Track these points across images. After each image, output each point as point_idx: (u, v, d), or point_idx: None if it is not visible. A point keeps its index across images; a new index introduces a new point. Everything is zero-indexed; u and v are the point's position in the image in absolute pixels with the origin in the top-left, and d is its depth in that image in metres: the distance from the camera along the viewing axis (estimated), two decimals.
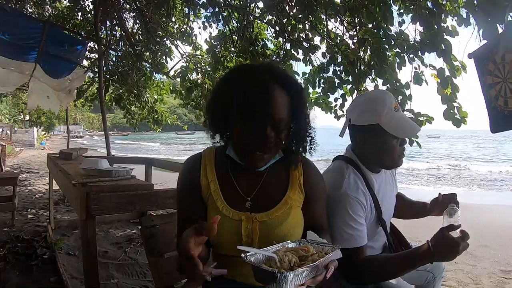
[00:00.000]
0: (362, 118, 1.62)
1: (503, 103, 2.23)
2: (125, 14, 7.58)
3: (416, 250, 1.43)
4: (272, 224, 1.27)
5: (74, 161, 3.72)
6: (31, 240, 4.11)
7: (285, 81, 1.23)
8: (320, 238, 1.18)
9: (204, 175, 1.33)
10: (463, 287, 3.55)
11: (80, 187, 2.12)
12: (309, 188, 1.36)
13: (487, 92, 2.34)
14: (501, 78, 2.22)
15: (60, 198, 6.41)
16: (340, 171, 1.62)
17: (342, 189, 1.53)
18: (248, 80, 1.21)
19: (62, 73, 6.35)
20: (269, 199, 1.31)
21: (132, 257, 3.84)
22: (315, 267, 0.99)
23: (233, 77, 1.30)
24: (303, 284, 0.97)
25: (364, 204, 1.55)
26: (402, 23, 3.85)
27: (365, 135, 1.63)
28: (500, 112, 2.26)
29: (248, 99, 1.18)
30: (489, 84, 2.32)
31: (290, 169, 1.37)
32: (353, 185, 1.55)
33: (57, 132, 54.85)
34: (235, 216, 1.27)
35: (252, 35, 5.25)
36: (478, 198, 10.71)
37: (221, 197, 1.30)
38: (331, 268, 1.02)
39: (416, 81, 3.63)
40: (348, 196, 1.52)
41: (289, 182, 1.35)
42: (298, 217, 1.33)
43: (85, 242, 2.08)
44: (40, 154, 18.84)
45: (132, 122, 9.23)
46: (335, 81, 4.41)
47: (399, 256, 1.52)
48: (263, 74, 1.22)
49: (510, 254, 4.73)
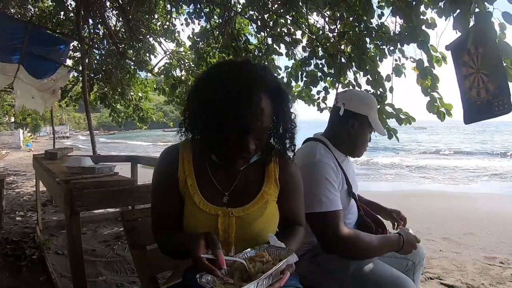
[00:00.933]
0: (357, 106, 1.83)
1: (476, 94, 2.28)
2: (108, 12, 7.52)
3: (391, 238, 1.69)
4: (248, 219, 1.27)
5: (59, 161, 3.72)
6: (19, 241, 4.10)
7: (270, 87, 1.21)
8: (279, 242, 1.16)
9: (181, 169, 1.32)
10: (447, 274, 3.59)
11: (64, 184, 2.14)
12: (285, 180, 1.37)
13: (462, 83, 2.39)
14: (475, 69, 2.26)
15: (48, 199, 6.38)
16: (312, 145, 1.80)
17: (316, 157, 1.67)
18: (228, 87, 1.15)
19: (45, 73, 6.31)
20: (246, 194, 1.31)
21: (120, 254, 3.87)
22: (267, 277, 0.98)
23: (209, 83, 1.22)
24: None
25: (336, 171, 1.69)
26: (382, 16, 3.88)
27: (356, 121, 1.82)
28: (473, 103, 2.31)
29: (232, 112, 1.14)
30: (464, 75, 2.36)
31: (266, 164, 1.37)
32: (325, 154, 1.72)
33: (43, 133, 54.00)
34: (212, 211, 1.27)
35: (234, 31, 5.27)
36: (463, 187, 10.89)
37: (198, 191, 1.29)
38: (286, 274, 1.03)
39: (397, 73, 3.70)
40: (322, 162, 1.67)
41: (265, 176, 1.36)
42: (274, 212, 1.34)
43: (71, 238, 2.11)
44: (26, 156, 18.58)
45: (118, 120, 9.20)
46: (317, 74, 4.46)
47: (376, 237, 1.66)
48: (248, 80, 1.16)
49: (494, 241, 4.85)
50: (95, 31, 7.71)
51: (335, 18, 4.23)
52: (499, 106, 2.13)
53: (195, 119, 1.24)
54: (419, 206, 7.36)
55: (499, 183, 11.70)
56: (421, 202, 7.98)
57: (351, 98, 1.87)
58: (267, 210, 1.30)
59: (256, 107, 1.15)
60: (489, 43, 2.12)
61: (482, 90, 2.24)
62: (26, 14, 7.70)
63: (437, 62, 3.34)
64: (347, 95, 1.92)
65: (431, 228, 5.48)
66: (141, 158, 5.29)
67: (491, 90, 2.17)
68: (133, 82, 8.83)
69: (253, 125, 1.16)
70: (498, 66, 2.13)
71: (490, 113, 2.20)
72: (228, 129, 1.16)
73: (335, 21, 4.27)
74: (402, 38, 3.42)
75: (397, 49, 3.65)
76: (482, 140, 41.57)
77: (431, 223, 5.79)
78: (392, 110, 3.61)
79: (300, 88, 4.74)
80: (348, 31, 3.99)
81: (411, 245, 1.70)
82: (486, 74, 2.19)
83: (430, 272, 3.59)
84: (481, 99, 2.25)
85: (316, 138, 1.87)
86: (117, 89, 8.44)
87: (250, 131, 1.17)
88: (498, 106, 2.14)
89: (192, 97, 1.27)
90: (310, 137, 1.93)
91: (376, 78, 3.75)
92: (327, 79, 4.48)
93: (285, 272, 1.03)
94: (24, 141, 30.00)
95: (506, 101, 2.10)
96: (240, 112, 1.13)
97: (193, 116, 1.25)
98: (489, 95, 2.19)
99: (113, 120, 9.37)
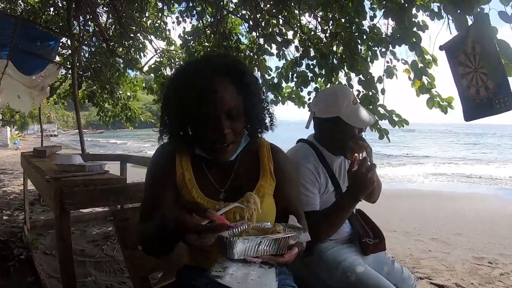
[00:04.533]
0: (325, 111, 1.78)
1: (475, 92, 2.30)
2: (99, 8, 7.44)
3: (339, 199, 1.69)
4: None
5: (48, 159, 3.67)
6: (7, 241, 4.03)
7: (224, 69, 1.23)
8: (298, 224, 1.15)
9: (179, 164, 1.33)
10: (437, 274, 3.64)
11: (54, 182, 2.11)
12: (280, 173, 1.38)
13: (459, 82, 2.41)
14: (472, 68, 2.27)
15: (36, 198, 6.29)
16: (296, 147, 1.82)
17: (295, 160, 1.67)
18: (188, 81, 1.21)
19: (35, 69, 6.24)
20: (242, 189, 1.30)
21: (109, 254, 3.83)
22: (272, 241, 0.99)
23: (175, 82, 1.30)
24: (258, 257, 0.98)
25: (315, 174, 1.70)
26: (374, 17, 3.92)
27: (329, 126, 1.78)
28: (472, 101, 2.34)
29: (192, 99, 1.19)
30: (461, 74, 2.38)
31: (260, 157, 1.39)
32: (304, 156, 1.72)
33: (31, 131, 53.47)
34: (210, 205, 1.25)
35: (226, 30, 5.26)
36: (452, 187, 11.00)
37: (196, 186, 1.30)
38: (294, 250, 1.03)
39: (388, 75, 3.72)
40: (299, 165, 1.68)
41: (260, 170, 1.37)
42: (270, 205, 1.34)
43: (60, 237, 2.07)
44: (14, 155, 18.36)
45: (105, 119, 9.09)
46: (308, 75, 4.45)
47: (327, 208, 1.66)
48: (202, 70, 1.22)
49: (483, 241, 4.92)
50: (85, 28, 7.62)
51: (328, 19, 4.24)
52: (500, 104, 2.15)
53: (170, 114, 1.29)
54: (407, 207, 7.44)
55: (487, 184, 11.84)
56: (409, 202, 8.06)
57: (317, 104, 1.85)
58: (264, 204, 1.28)
59: (214, 90, 1.18)
60: (487, 42, 2.14)
61: (482, 89, 2.25)
62: (16, 9, 7.61)
63: (428, 64, 3.37)
64: (315, 100, 1.93)
65: (420, 229, 5.54)
66: (130, 157, 5.24)
67: (491, 88, 2.19)
68: (122, 81, 8.76)
69: (216, 106, 1.19)
70: (497, 65, 2.14)
71: (491, 110, 2.21)
72: (198, 116, 1.21)
73: (327, 22, 4.28)
74: (394, 40, 3.44)
75: (388, 51, 3.68)
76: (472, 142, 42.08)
77: (419, 224, 5.84)
78: (385, 112, 3.64)
79: (291, 89, 4.75)
80: (340, 32, 4.00)
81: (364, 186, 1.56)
82: (484, 73, 2.21)
83: (420, 272, 3.64)
84: (480, 97, 2.27)
85: (306, 140, 1.87)
86: (106, 88, 8.36)
87: (217, 113, 1.19)
88: (499, 104, 2.15)
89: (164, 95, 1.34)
90: (301, 138, 1.92)
91: (368, 78, 3.76)
92: (318, 80, 4.47)
93: (293, 248, 1.03)
94: (11, 139, 29.66)
95: (507, 98, 2.12)
96: (201, 97, 1.18)
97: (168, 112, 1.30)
98: (489, 93, 2.21)
99: (100, 119, 9.28)
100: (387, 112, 3.65)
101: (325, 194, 1.74)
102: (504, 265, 3.94)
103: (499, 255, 4.28)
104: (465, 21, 2.29)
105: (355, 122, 1.73)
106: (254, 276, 0.98)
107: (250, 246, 0.97)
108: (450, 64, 2.43)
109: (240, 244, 0.95)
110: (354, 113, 1.74)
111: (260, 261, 0.99)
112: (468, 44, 2.24)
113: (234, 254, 0.95)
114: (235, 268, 0.98)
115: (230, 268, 0.97)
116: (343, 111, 1.72)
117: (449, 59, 2.45)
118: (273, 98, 4.83)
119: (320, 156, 1.77)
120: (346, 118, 1.71)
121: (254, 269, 0.99)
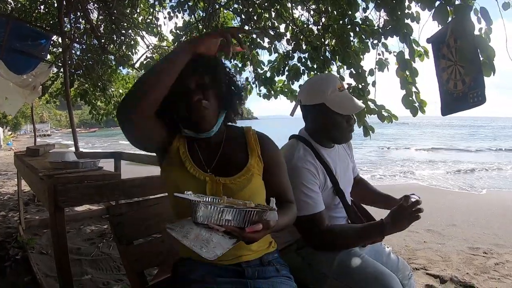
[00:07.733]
0: (310, 98, 1.77)
1: (453, 86, 2.33)
2: (90, 5, 7.35)
3: (369, 224, 1.68)
4: (235, 188, 1.32)
5: (41, 157, 3.65)
6: (2, 241, 4.00)
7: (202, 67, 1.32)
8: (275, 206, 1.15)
9: (176, 140, 1.40)
10: (432, 264, 3.66)
11: (47, 179, 2.10)
12: (268, 157, 1.44)
13: (440, 76, 2.44)
14: (453, 61, 2.31)
15: (30, 198, 6.26)
16: (291, 146, 1.77)
17: (293, 162, 1.65)
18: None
19: (26, 68, 6.19)
20: (231, 167, 1.37)
21: (105, 252, 3.81)
22: (235, 211, 1.03)
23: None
24: (222, 225, 1.03)
25: (314, 173, 1.66)
26: (366, 9, 3.88)
27: (315, 113, 1.77)
28: (450, 95, 2.36)
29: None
30: (442, 67, 2.41)
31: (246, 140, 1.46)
32: (302, 157, 1.68)
33: (24, 131, 53.24)
34: (201, 176, 1.32)
35: (218, 24, 5.24)
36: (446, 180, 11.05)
37: (189, 158, 1.37)
38: (257, 225, 1.05)
39: (380, 68, 3.70)
40: (298, 167, 1.64)
41: (248, 151, 1.42)
42: (259, 184, 1.39)
43: (55, 235, 2.06)
44: (7, 156, 18.23)
45: (98, 117, 9.05)
46: (299, 68, 4.45)
47: (353, 227, 1.70)
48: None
49: (477, 232, 4.96)
50: (76, 26, 7.56)
51: (320, 11, 4.23)
52: (474, 98, 2.20)
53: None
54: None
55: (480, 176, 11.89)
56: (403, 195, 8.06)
57: (303, 91, 1.85)
58: (253, 182, 1.35)
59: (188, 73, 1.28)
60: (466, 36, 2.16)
61: (459, 82, 2.29)
62: (6, 8, 7.52)
63: (420, 56, 3.34)
64: (301, 89, 1.93)
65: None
66: (124, 154, 5.21)
67: (467, 82, 2.23)
68: (114, 78, 8.73)
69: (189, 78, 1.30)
70: (473, 59, 2.17)
71: (466, 104, 2.26)
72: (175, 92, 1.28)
73: (319, 14, 4.27)
74: (385, 31, 3.42)
75: (380, 43, 3.66)
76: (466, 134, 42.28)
77: None
78: (374, 107, 3.62)
79: (282, 83, 4.74)
80: (333, 24, 3.99)
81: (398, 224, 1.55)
82: (462, 66, 2.24)
83: (416, 263, 3.66)
84: (457, 91, 2.31)
85: (298, 136, 1.85)
86: (98, 85, 8.31)
87: (190, 84, 1.31)
88: (472, 98, 2.20)
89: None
90: (294, 134, 1.90)
91: (359, 72, 3.75)
92: (310, 74, 4.46)
93: (257, 223, 1.05)
94: (4, 140, 29.43)
95: (480, 93, 2.16)
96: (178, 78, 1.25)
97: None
98: (465, 87, 2.25)
99: (93, 118, 9.24)
100: (377, 107, 3.62)
101: (324, 191, 1.73)
102: (499, 255, 3.97)
103: (494, 245, 4.31)
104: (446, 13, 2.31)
105: (339, 109, 1.70)
106: (214, 242, 1.02)
107: (213, 213, 1.02)
108: (435, 57, 2.48)
109: (203, 207, 1.02)
110: (339, 100, 1.71)
111: (223, 230, 1.03)
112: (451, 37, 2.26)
113: (197, 218, 1.02)
114: (197, 232, 1.03)
115: (193, 231, 1.03)
116: (328, 97, 1.70)
117: (434, 52, 2.49)
118: (265, 92, 4.84)
119: (316, 153, 1.75)
120: (330, 104, 1.69)
121: (215, 237, 1.03)
